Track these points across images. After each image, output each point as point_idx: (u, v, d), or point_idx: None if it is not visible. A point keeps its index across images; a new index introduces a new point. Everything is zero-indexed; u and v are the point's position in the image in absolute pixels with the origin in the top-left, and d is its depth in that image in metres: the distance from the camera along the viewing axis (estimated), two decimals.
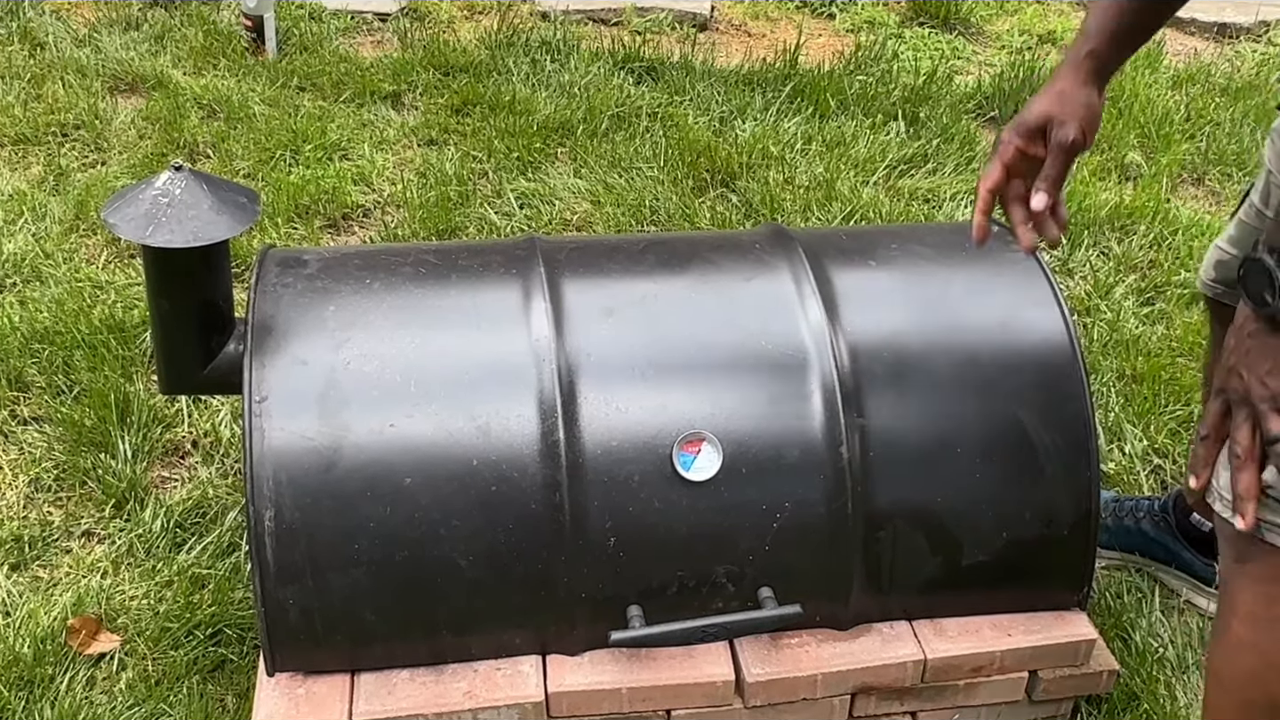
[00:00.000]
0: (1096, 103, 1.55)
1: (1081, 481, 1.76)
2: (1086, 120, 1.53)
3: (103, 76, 3.65)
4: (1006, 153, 1.55)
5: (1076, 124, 1.52)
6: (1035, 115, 1.53)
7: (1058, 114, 1.52)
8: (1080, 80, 1.54)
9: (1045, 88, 1.56)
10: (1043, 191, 1.52)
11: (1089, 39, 1.55)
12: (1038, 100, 1.55)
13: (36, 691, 1.89)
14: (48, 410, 2.40)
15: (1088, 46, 1.54)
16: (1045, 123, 1.53)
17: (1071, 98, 1.53)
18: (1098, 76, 1.55)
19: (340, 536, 1.59)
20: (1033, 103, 1.56)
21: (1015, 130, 1.55)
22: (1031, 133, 1.54)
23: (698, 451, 1.66)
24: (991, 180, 1.57)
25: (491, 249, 1.90)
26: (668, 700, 1.72)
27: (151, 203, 1.61)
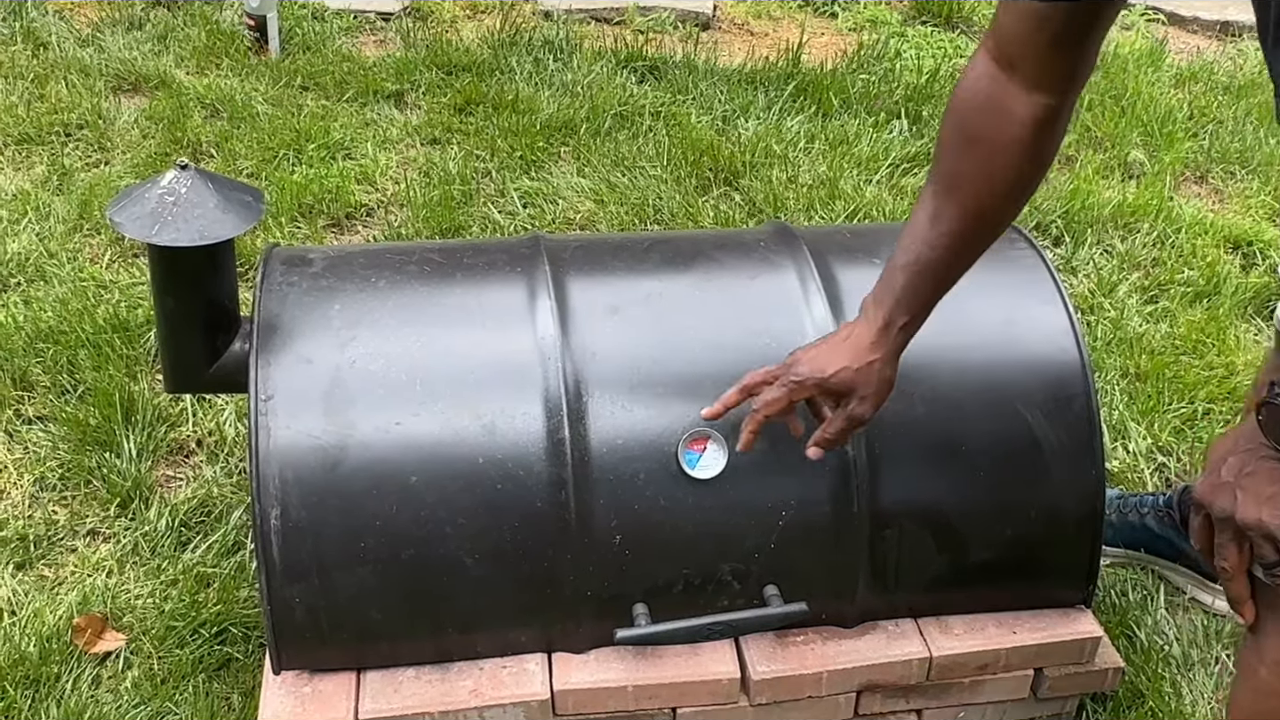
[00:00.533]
0: (894, 376, 1.56)
1: (1086, 479, 1.76)
2: (883, 398, 1.56)
3: (106, 76, 3.65)
4: (798, 395, 1.57)
5: (874, 405, 1.55)
6: (840, 383, 1.54)
7: (861, 389, 1.54)
8: (891, 355, 1.54)
9: (852, 349, 1.54)
10: (820, 450, 1.59)
11: (904, 309, 1.52)
12: (846, 365, 1.54)
13: (42, 690, 1.89)
14: (52, 409, 2.40)
15: (905, 317, 1.53)
16: (848, 391, 1.55)
17: (880, 375, 1.54)
18: (903, 348, 1.56)
19: (346, 535, 1.60)
20: (842, 366, 1.54)
21: (817, 386, 1.55)
22: (827, 392, 1.56)
23: (703, 449, 1.66)
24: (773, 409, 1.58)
25: (496, 247, 1.90)
26: (673, 698, 1.72)
27: (157, 201, 1.61)
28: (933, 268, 1.50)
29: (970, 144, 1.45)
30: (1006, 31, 1.40)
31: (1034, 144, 1.43)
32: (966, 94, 1.45)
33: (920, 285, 1.52)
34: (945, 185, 1.48)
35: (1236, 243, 3.19)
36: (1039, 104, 1.40)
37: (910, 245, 1.51)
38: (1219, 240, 3.17)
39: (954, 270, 1.52)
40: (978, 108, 1.44)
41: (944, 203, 1.48)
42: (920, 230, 1.50)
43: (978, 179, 1.46)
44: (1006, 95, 1.41)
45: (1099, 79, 3.99)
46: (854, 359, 1.54)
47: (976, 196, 1.46)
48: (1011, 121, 1.41)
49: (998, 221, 1.51)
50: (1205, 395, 2.60)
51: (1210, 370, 2.68)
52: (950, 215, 1.48)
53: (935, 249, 1.49)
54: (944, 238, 1.48)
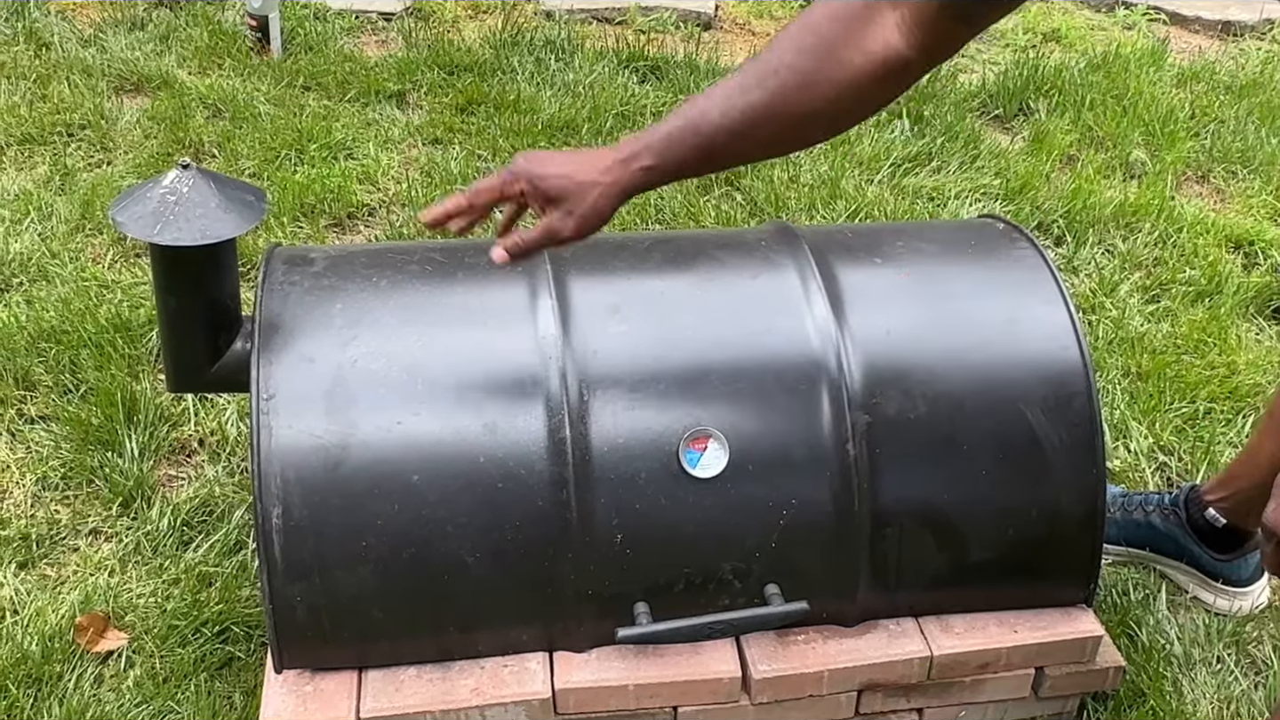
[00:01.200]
0: (610, 212, 1.45)
1: (1088, 479, 1.76)
2: (589, 225, 1.45)
3: (108, 76, 3.66)
4: (510, 187, 1.48)
5: (577, 226, 1.45)
6: (552, 188, 1.45)
7: (572, 202, 1.44)
8: (619, 188, 1.44)
9: (586, 164, 1.44)
10: (503, 252, 1.49)
11: (658, 152, 1.42)
12: (568, 174, 1.44)
13: (45, 689, 1.89)
14: (55, 409, 2.41)
15: (652, 160, 1.42)
16: (561, 197, 1.45)
17: (596, 201, 1.44)
18: (634, 191, 1.45)
19: (348, 534, 1.60)
20: (564, 174, 1.44)
21: (529, 182, 1.46)
22: (539, 196, 1.46)
23: (704, 449, 1.66)
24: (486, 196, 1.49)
25: None
26: (674, 697, 1.72)
27: (159, 201, 1.61)
28: (708, 132, 1.40)
29: (815, 51, 1.37)
30: None
31: (870, 87, 1.37)
32: (821, 16, 1.38)
33: (686, 139, 1.41)
34: (770, 69, 1.39)
35: (1238, 242, 3.19)
36: (898, 53, 1.35)
37: (703, 100, 1.41)
38: (1220, 240, 3.17)
39: (722, 149, 1.42)
40: (841, 21, 1.36)
41: (757, 80, 1.39)
42: (720, 91, 1.41)
43: (800, 83, 1.38)
44: (873, 28, 1.35)
45: (1101, 78, 3.99)
46: (578, 171, 1.44)
47: (790, 99, 1.38)
48: (864, 55, 1.36)
49: (794, 137, 1.44)
50: (1206, 395, 2.60)
51: (1211, 370, 2.68)
52: (757, 96, 1.39)
53: (725, 117, 1.39)
54: (737, 110, 1.39)
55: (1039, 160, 3.49)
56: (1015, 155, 3.55)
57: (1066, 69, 4.05)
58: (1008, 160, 3.49)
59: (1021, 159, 3.51)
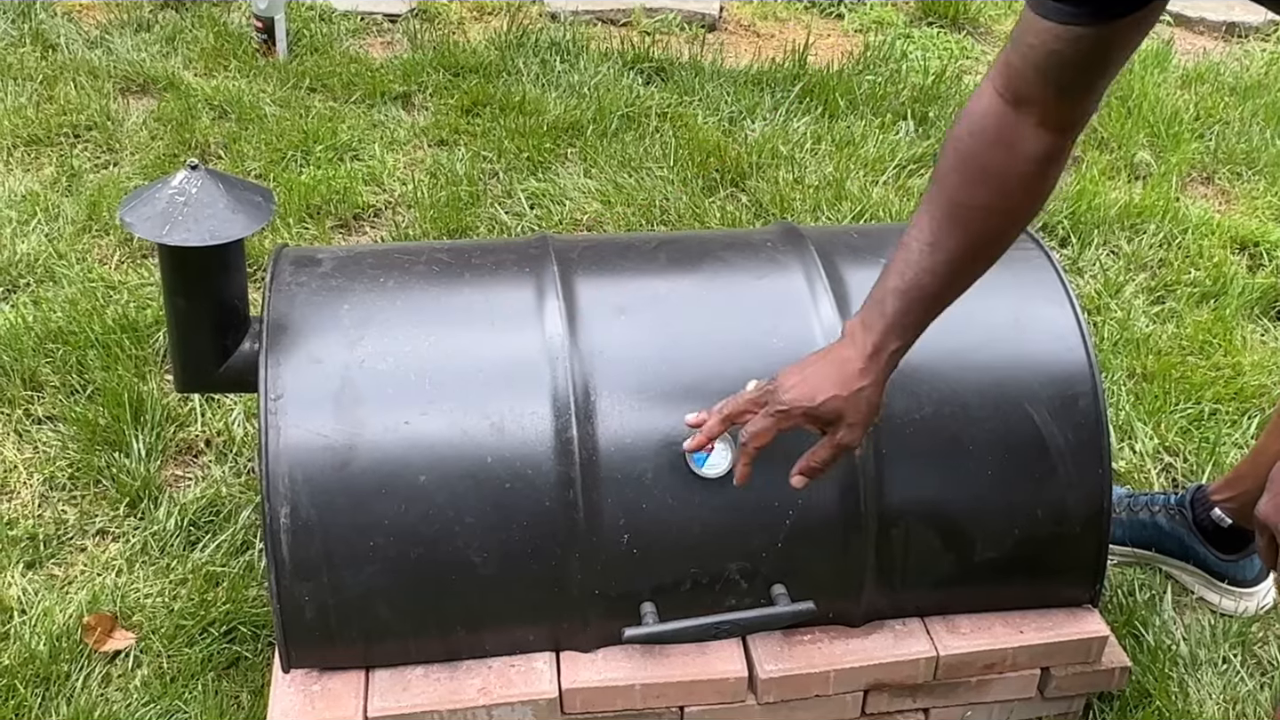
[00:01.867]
0: (881, 401, 1.55)
1: (1093, 479, 1.76)
2: (870, 423, 1.55)
3: (114, 78, 3.67)
4: (785, 425, 1.54)
5: (862, 431, 1.54)
6: (829, 411, 1.52)
7: (849, 415, 1.52)
8: (880, 380, 1.53)
9: (840, 374, 1.52)
10: (804, 478, 1.57)
11: (897, 332, 1.51)
12: (835, 394, 1.51)
13: (53, 688, 1.90)
14: (62, 409, 2.41)
15: (897, 343, 1.52)
16: (836, 418, 1.53)
17: (869, 401, 1.53)
18: (891, 372, 1.55)
19: (355, 533, 1.60)
20: (831, 394, 1.51)
21: (805, 415, 1.53)
22: (814, 419, 1.53)
23: (711, 449, 1.66)
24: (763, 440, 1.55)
25: (504, 247, 1.90)
26: (680, 696, 1.73)
27: (168, 202, 1.62)
28: (930, 294, 1.51)
29: (980, 177, 1.47)
30: (1017, 70, 1.42)
31: (1040, 180, 1.47)
32: (975, 127, 1.46)
33: (915, 310, 1.52)
34: (948, 214, 1.49)
35: (1243, 243, 3.19)
36: (1047, 141, 1.44)
37: (905, 270, 1.51)
38: (1225, 241, 3.17)
39: (949, 297, 1.53)
40: (988, 143, 1.46)
41: (946, 232, 1.48)
42: (917, 256, 1.50)
43: (985, 211, 1.48)
44: (1016, 132, 1.44)
45: None
46: (843, 386, 1.52)
47: (984, 228, 1.49)
48: (1022, 158, 1.45)
49: (997, 252, 1.54)
50: (1212, 395, 2.60)
51: (1217, 371, 2.68)
52: (952, 245, 1.49)
53: (935, 275, 1.50)
54: (943, 265, 1.49)
55: None
56: None
57: None
58: None
59: None
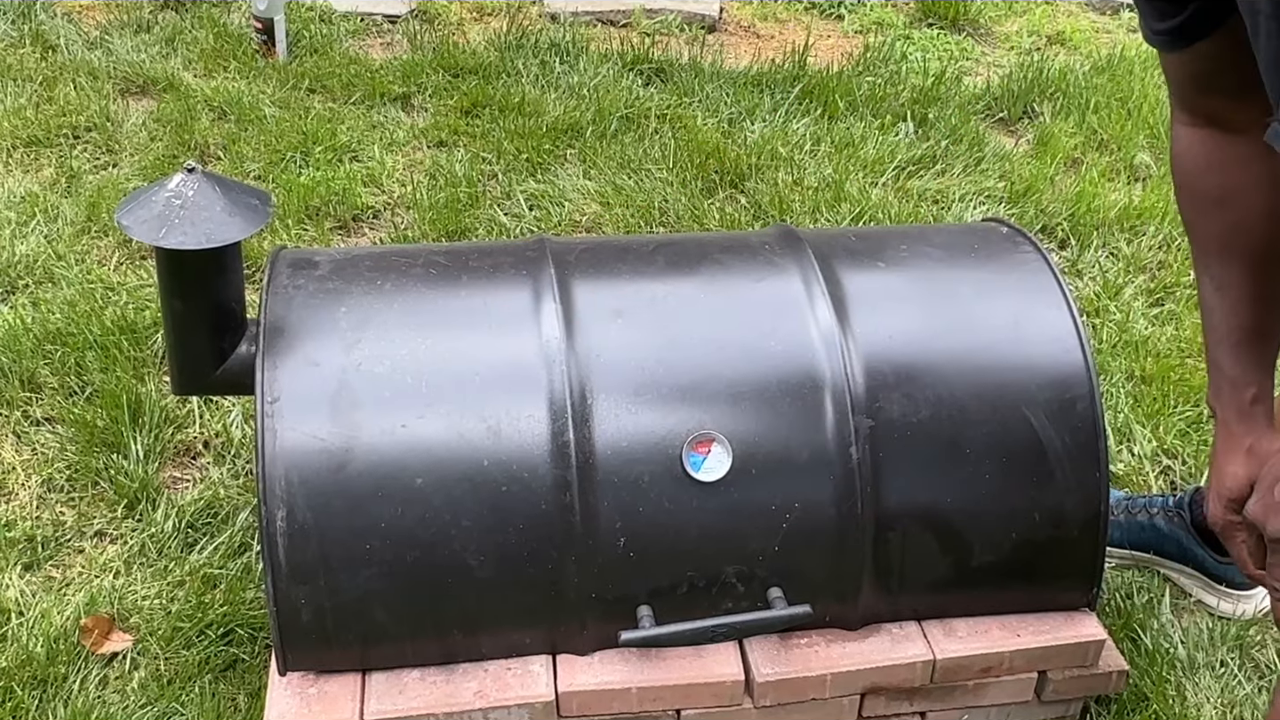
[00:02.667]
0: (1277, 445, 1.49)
1: (1091, 482, 1.76)
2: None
3: (114, 79, 3.67)
4: (1231, 531, 1.51)
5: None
6: (1239, 484, 1.49)
7: (1263, 478, 1.40)
8: (1263, 429, 1.50)
9: (1229, 450, 1.49)
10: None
11: (1247, 383, 1.49)
12: (1232, 471, 1.49)
13: (50, 691, 1.90)
14: (60, 411, 2.41)
15: (1250, 392, 1.49)
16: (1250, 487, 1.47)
17: (1265, 454, 1.47)
18: (1270, 417, 1.50)
19: (352, 536, 1.60)
20: (1230, 473, 1.49)
21: (1224, 507, 1.51)
22: (1240, 504, 1.48)
23: (708, 452, 1.66)
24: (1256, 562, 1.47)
25: (502, 250, 1.90)
26: (677, 700, 1.72)
27: (164, 204, 1.62)
28: (1249, 332, 1.50)
29: (1214, 205, 1.48)
30: (1186, 98, 1.45)
31: (1272, 179, 1.44)
32: (1187, 166, 1.48)
33: (1247, 353, 1.50)
34: (1213, 252, 1.49)
35: None
36: (1252, 144, 1.39)
37: (1216, 325, 1.51)
38: None
39: (1267, 324, 1.50)
40: (1202, 172, 1.47)
41: (1223, 268, 1.49)
42: (1216, 306, 1.51)
43: (1238, 232, 1.47)
44: (1220, 146, 1.44)
45: (1105, 81, 3.99)
46: (1231, 461, 1.50)
47: (1248, 248, 1.48)
48: (1237, 166, 1.44)
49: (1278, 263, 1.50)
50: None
51: None
52: (1234, 278, 1.49)
53: (1239, 314, 1.49)
54: (1242, 300, 1.49)
55: (1043, 163, 3.49)
56: (1020, 158, 3.55)
57: (1071, 72, 4.05)
58: (1012, 163, 3.49)
59: (1026, 162, 3.51)
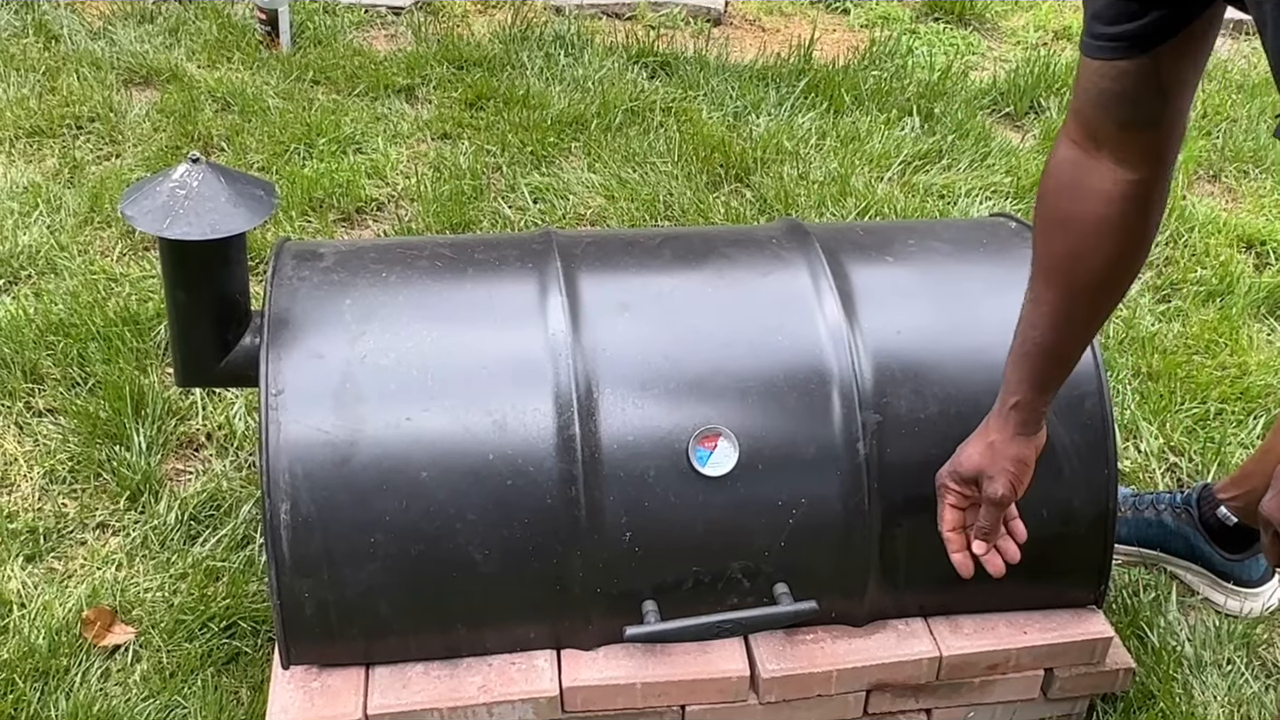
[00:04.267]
0: (1026, 453, 1.60)
1: (1099, 479, 1.75)
2: (1015, 475, 1.59)
3: (117, 69, 3.66)
4: (948, 497, 1.64)
5: (1005, 480, 1.59)
6: (969, 468, 1.61)
7: (988, 468, 1.59)
8: (1009, 434, 1.59)
9: (978, 436, 1.62)
10: (979, 541, 1.64)
11: (1012, 390, 1.58)
12: (970, 450, 1.61)
13: (51, 683, 1.89)
14: (62, 402, 2.40)
15: (1013, 399, 1.58)
16: (978, 475, 1.60)
17: (1001, 452, 1.59)
18: (1026, 426, 1.59)
19: (356, 530, 1.59)
20: (966, 452, 1.62)
21: (950, 477, 1.63)
22: (965, 482, 1.62)
23: (714, 447, 1.65)
24: (949, 523, 1.65)
25: (508, 243, 1.89)
26: (682, 695, 1.72)
27: (169, 195, 1.61)
28: (1036, 347, 1.55)
29: (1058, 226, 1.49)
30: (1081, 114, 1.42)
31: (1124, 221, 1.45)
32: (1051, 179, 1.48)
33: (1026, 365, 1.56)
34: (1040, 268, 1.53)
35: (1250, 242, 3.17)
36: (1126, 180, 1.42)
37: (1019, 329, 1.57)
38: (1232, 239, 3.15)
39: (1058, 347, 1.56)
40: (1062, 191, 1.47)
41: (1041, 286, 1.53)
42: (1026, 313, 1.56)
43: (1069, 259, 1.49)
44: (1091, 175, 1.43)
45: None
46: (976, 445, 1.61)
47: (1071, 276, 1.50)
48: (1098, 200, 1.44)
49: (1097, 300, 1.54)
50: (1218, 395, 2.58)
51: (1223, 370, 2.67)
52: (1047, 298, 1.52)
53: (1036, 329, 1.54)
54: (1046, 318, 1.53)
55: None
56: (1026, 153, 3.53)
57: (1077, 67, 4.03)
58: (1018, 158, 3.48)
59: (1032, 157, 3.50)
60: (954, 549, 1.65)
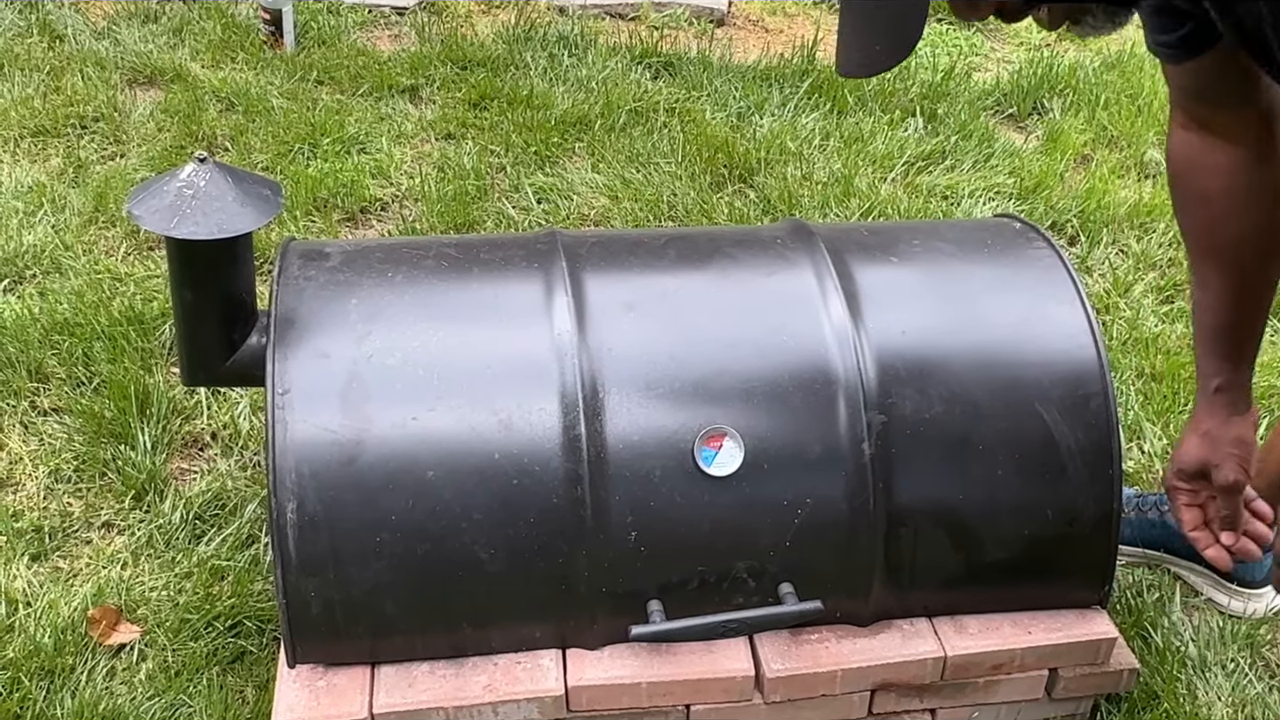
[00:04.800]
0: (1245, 433, 1.58)
1: (1103, 480, 1.75)
2: (1241, 457, 1.57)
3: (121, 69, 3.66)
4: (1180, 499, 1.63)
5: (1233, 464, 1.57)
6: (1191, 461, 1.60)
7: (1211, 458, 1.58)
8: (1222, 417, 1.58)
9: (1190, 429, 1.61)
10: (1227, 532, 1.61)
11: (1211, 374, 1.58)
12: (1188, 445, 1.60)
13: (57, 681, 1.89)
14: (68, 402, 2.41)
15: (1214, 381, 1.58)
16: (1202, 467, 1.59)
17: (1220, 438, 1.58)
18: (1235, 405, 1.59)
19: (362, 529, 1.60)
20: (1184, 447, 1.61)
21: (1176, 477, 1.62)
22: (1191, 478, 1.61)
23: (719, 447, 1.65)
24: (1189, 523, 1.63)
25: (513, 243, 1.90)
26: (687, 695, 1.72)
27: (176, 195, 1.61)
28: (1219, 327, 1.58)
29: (1195, 202, 1.56)
30: (1179, 103, 1.51)
31: (1249, 187, 1.51)
32: (1175, 163, 1.56)
33: (1215, 346, 1.58)
34: (1192, 246, 1.58)
35: None
36: (1238, 152, 1.49)
37: (1196, 316, 1.61)
38: None
39: (1240, 322, 1.57)
40: (1186, 172, 1.55)
41: (1201, 266, 1.57)
42: (1196, 299, 1.60)
43: (1212, 231, 1.55)
44: (1206, 153, 1.51)
45: (1115, 77, 3.98)
46: (1193, 433, 1.61)
47: (1221, 248, 1.55)
48: (1219, 173, 1.51)
49: (1256, 268, 1.56)
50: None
51: None
52: (1211, 275, 1.57)
53: (1212, 311, 1.57)
54: (1216, 296, 1.57)
55: (1053, 159, 3.48)
56: (1029, 154, 3.54)
57: (1081, 68, 4.03)
58: (1022, 159, 3.48)
59: (1035, 158, 3.50)
60: (1203, 546, 1.63)
